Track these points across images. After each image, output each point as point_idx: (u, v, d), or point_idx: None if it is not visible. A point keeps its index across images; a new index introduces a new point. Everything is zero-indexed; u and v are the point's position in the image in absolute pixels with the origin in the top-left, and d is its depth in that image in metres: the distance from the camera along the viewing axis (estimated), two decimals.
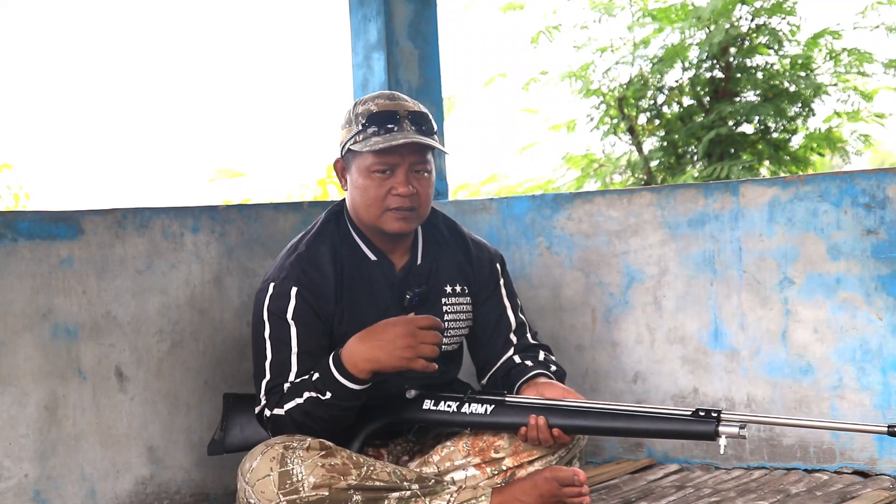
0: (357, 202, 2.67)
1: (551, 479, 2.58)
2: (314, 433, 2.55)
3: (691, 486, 3.17)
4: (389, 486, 2.52)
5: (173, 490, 3.02)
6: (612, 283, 3.55)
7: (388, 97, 2.68)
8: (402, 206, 2.61)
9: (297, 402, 2.54)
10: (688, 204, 3.43)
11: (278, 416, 2.56)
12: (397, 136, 2.59)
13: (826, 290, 3.22)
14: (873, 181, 3.17)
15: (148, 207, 3.03)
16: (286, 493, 2.46)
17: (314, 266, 2.65)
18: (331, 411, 2.53)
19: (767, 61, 6.91)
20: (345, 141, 2.66)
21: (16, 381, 2.74)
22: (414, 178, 2.62)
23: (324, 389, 2.52)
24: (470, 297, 2.81)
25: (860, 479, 3.14)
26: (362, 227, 2.71)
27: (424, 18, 3.86)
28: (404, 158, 2.61)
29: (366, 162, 2.62)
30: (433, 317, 2.54)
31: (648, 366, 3.50)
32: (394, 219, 2.63)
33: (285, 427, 2.56)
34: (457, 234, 2.84)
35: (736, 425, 2.47)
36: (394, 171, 2.61)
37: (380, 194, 2.62)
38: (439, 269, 2.76)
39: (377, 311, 2.65)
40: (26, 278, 2.78)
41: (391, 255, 2.72)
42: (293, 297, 2.61)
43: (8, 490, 2.71)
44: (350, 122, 2.66)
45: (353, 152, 2.64)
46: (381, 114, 2.63)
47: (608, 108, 7.09)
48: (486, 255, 2.86)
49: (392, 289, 2.71)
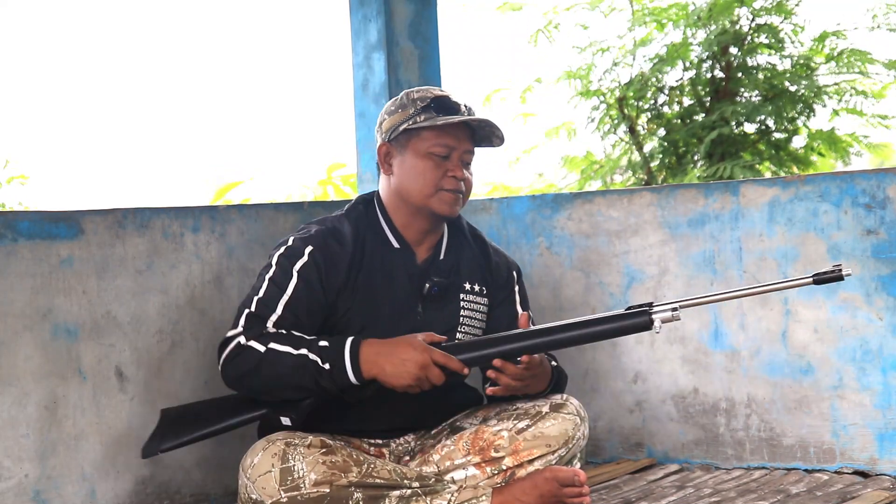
0: (406, 185, 2.71)
1: (551, 479, 2.59)
2: (257, 388, 2.55)
3: (691, 486, 3.17)
4: (390, 484, 2.53)
5: (173, 490, 3.02)
6: (612, 283, 3.55)
7: (442, 89, 2.78)
8: (456, 188, 2.69)
9: (287, 350, 2.52)
10: (688, 204, 3.43)
11: (253, 350, 2.53)
12: (460, 116, 2.69)
13: (826, 290, 3.22)
14: (873, 181, 3.17)
15: (148, 207, 3.03)
16: (287, 489, 2.46)
17: (335, 238, 2.69)
18: (307, 381, 2.51)
19: (769, 61, 6.90)
20: (397, 124, 2.71)
21: (16, 381, 2.74)
22: (463, 168, 2.72)
23: (325, 359, 2.51)
24: (487, 299, 2.84)
25: (860, 479, 3.14)
26: (396, 215, 2.75)
27: (424, 18, 3.86)
28: (460, 144, 2.70)
29: (425, 144, 2.69)
30: (450, 356, 2.56)
31: (648, 366, 3.50)
32: (445, 200, 2.70)
33: (245, 363, 2.53)
34: (479, 239, 2.90)
35: (668, 310, 2.53)
36: (449, 155, 2.69)
37: (436, 175, 2.69)
38: (460, 267, 2.81)
39: (392, 297, 2.70)
40: (26, 278, 2.78)
41: (416, 247, 2.77)
42: (306, 255, 2.65)
43: (8, 490, 2.71)
44: (404, 106, 2.72)
45: (408, 134, 2.70)
46: (444, 98, 2.73)
47: (608, 108, 7.09)
48: (504, 261, 2.91)
49: (411, 278, 2.74)
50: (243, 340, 2.56)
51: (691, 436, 3.44)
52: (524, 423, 2.67)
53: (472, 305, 2.81)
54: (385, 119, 2.75)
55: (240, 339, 2.56)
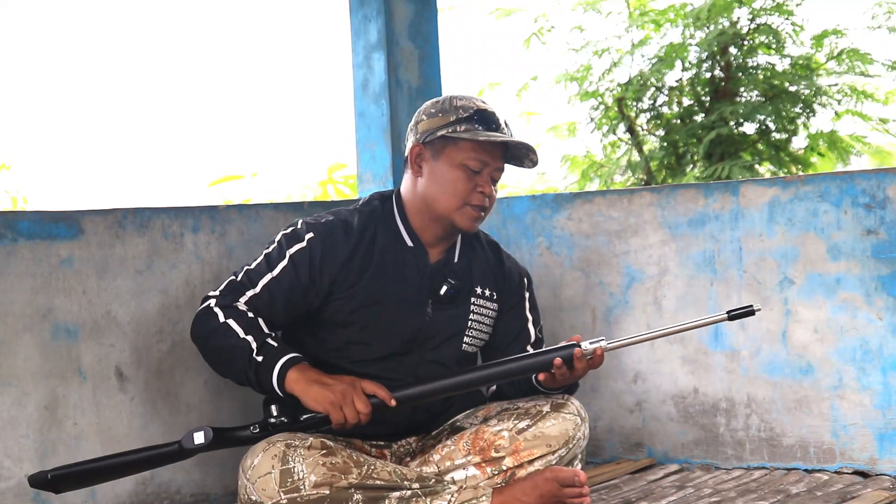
0: (434, 192, 2.70)
1: (552, 479, 2.59)
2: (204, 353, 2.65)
3: (691, 486, 3.17)
4: (390, 486, 2.53)
5: (173, 490, 3.02)
6: (612, 283, 3.55)
7: (485, 101, 2.76)
8: (481, 205, 2.69)
9: (237, 330, 2.57)
10: (688, 204, 3.43)
11: (215, 316, 2.59)
12: (502, 136, 2.67)
13: (826, 290, 3.22)
14: (873, 181, 3.17)
15: (148, 207, 3.02)
16: (287, 490, 2.46)
17: (341, 230, 2.70)
18: (239, 364, 2.56)
19: (768, 61, 6.90)
20: (435, 128, 2.69)
21: (16, 381, 2.74)
22: (491, 184, 2.71)
23: (261, 353, 2.55)
24: (497, 304, 2.84)
25: (860, 479, 3.14)
26: (414, 216, 2.75)
27: (424, 18, 3.86)
28: (494, 161, 2.70)
29: (461, 154, 2.67)
30: (379, 385, 2.55)
31: (648, 366, 3.50)
32: (470, 215, 2.70)
33: (204, 326, 2.60)
34: (493, 245, 2.91)
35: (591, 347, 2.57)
36: (482, 170, 2.69)
37: (466, 188, 2.68)
38: (472, 271, 2.81)
39: (402, 293, 2.70)
40: (26, 278, 2.77)
41: (429, 247, 2.76)
42: (305, 241, 2.67)
43: (8, 490, 2.71)
44: (445, 112, 2.70)
45: (445, 141, 2.68)
46: (488, 113, 2.71)
47: (607, 109, 7.09)
48: (516, 268, 2.91)
49: (422, 277, 2.74)
50: (212, 304, 2.63)
51: (691, 436, 3.44)
52: (525, 423, 2.67)
53: (481, 310, 2.81)
54: (423, 120, 2.73)
55: (211, 301, 2.64)
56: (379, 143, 3.75)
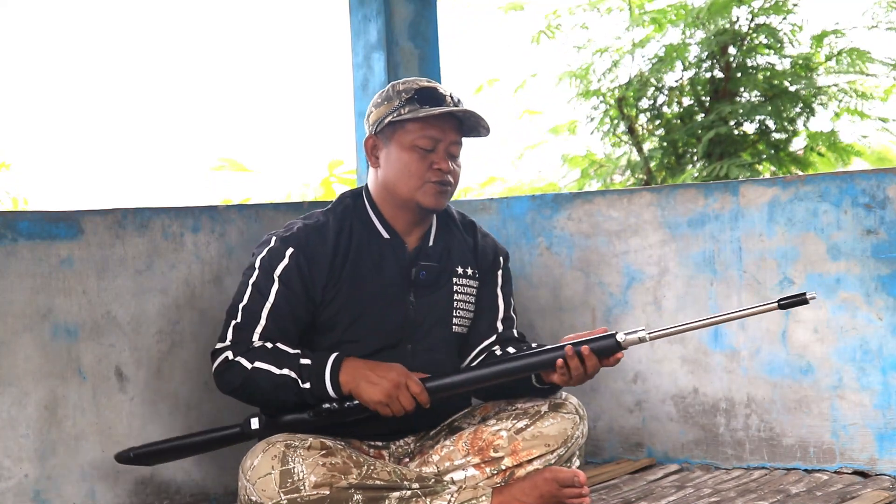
0: (393, 177, 2.70)
1: (551, 479, 2.59)
2: (246, 401, 2.64)
3: (691, 486, 3.17)
4: (390, 486, 2.53)
5: (173, 490, 3.02)
6: (612, 283, 3.55)
7: (429, 80, 2.76)
8: (441, 180, 2.67)
9: (270, 369, 2.56)
10: (688, 204, 3.43)
11: (240, 366, 2.58)
12: (443, 108, 2.66)
13: (826, 290, 3.22)
14: (873, 181, 3.17)
15: (148, 207, 3.03)
16: (287, 491, 2.46)
17: (318, 233, 2.69)
18: (290, 397, 2.56)
19: (768, 61, 6.90)
20: (382, 116, 2.70)
21: (16, 381, 2.74)
22: (450, 160, 2.69)
23: (306, 378, 2.54)
24: (478, 282, 2.85)
25: (860, 479, 3.14)
26: (384, 207, 2.75)
27: (424, 18, 3.86)
28: (445, 136, 2.68)
29: (409, 136, 2.67)
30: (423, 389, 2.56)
31: (648, 366, 3.50)
32: (432, 192, 2.69)
33: (234, 379, 2.59)
34: (469, 224, 2.90)
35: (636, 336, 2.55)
36: (435, 147, 2.67)
37: (421, 168, 2.67)
38: (451, 252, 2.81)
39: (381, 285, 2.70)
40: (26, 278, 2.78)
41: (405, 236, 2.76)
42: (287, 258, 2.65)
43: (8, 490, 2.71)
44: (389, 99, 2.71)
45: (393, 126, 2.69)
46: (429, 89, 2.70)
47: (608, 108, 7.09)
48: (492, 244, 2.90)
49: (400, 266, 2.73)
50: (231, 356, 2.61)
51: (691, 436, 3.44)
52: (523, 423, 2.67)
53: (465, 290, 2.81)
54: (372, 111, 2.75)
55: (227, 353, 2.61)
56: None
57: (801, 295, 2.49)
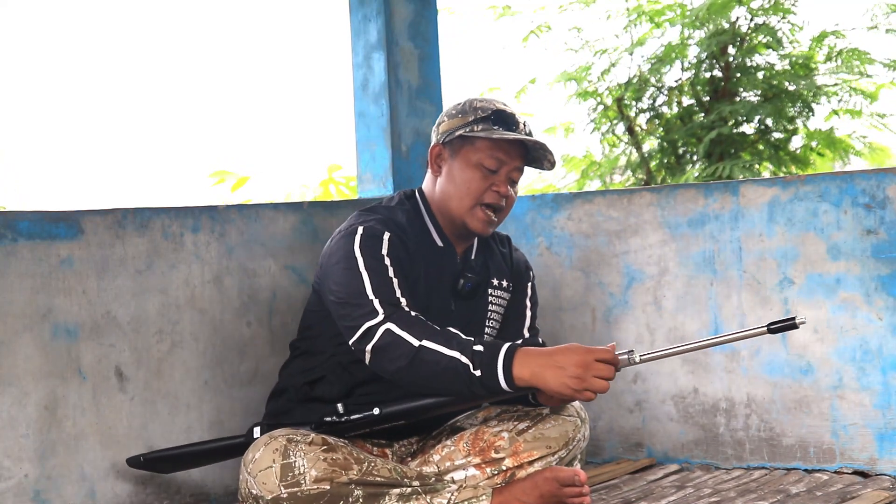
0: (450, 190, 2.71)
1: (552, 479, 2.59)
2: (408, 383, 2.50)
3: (691, 486, 3.17)
4: (390, 483, 2.53)
5: (173, 490, 3.02)
6: (612, 283, 3.55)
7: (505, 104, 2.76)
8: (495, 203, 2.68)
9: (439, 349, 2.45)
10: (688, 204, 3.43)
11: (406, 343, 2.46)
12: (517, 134, 2.67)
13: (826, 290, 3.22)
14: (873, 181, 3.17)
15: (148, 207, 3.02)
16: (287, 485, 2.47)
17: (397, 226, 2.68)
18: (457, 385, 2.46)
19: (767, 61, 6.90)
20: (454, 128, 2.70)
21: (16, 381, 2.74)
22: (509, 184, 2.70)
23: (477, 365, 2.44)
24: (510, 294, 2.88)
25: (860, 479, 3.14)
26: (439, 215, 2.76)
27: (424, 18, 3.86)
28: (511, 160, 2.69)
29: (477, 154, 2.68)
30: (612, 351, 2.45)
31: (648, 366, 3.50)
32: (482, 219, 2.69)
33: (398, 356, 2.46)
34: (503, 238, 2.94)
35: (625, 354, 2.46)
36: (498, 170, 2.68)
37: (481, 187, 2.68)
38: (489, 264, 2.83)
39: (432, 291, 2.70)
40: (26, 278, 2.77)
41: (455, 246, 2.78)
42: (385, 241, 2.62)
43: (8, 490, 2.71)
44: (464, 113, 2.71)
45: (462, 140, 2.69)
46: (506, 114, 2.71)
47: (606, 109, 7.09)
48: (523, 259, 2.95)
49: (452, 276, 2.76)
50: (395, 328, 2.49)
51: (691, 436, 3.44)
52: (525, 425, 2.67)
53: (498, 300, 2.85)
54: (444, 121, 2.75)
55: (388, 325, 2.50)
56: (379, 143, 3.75)
57: (791, 319, 2.43)
